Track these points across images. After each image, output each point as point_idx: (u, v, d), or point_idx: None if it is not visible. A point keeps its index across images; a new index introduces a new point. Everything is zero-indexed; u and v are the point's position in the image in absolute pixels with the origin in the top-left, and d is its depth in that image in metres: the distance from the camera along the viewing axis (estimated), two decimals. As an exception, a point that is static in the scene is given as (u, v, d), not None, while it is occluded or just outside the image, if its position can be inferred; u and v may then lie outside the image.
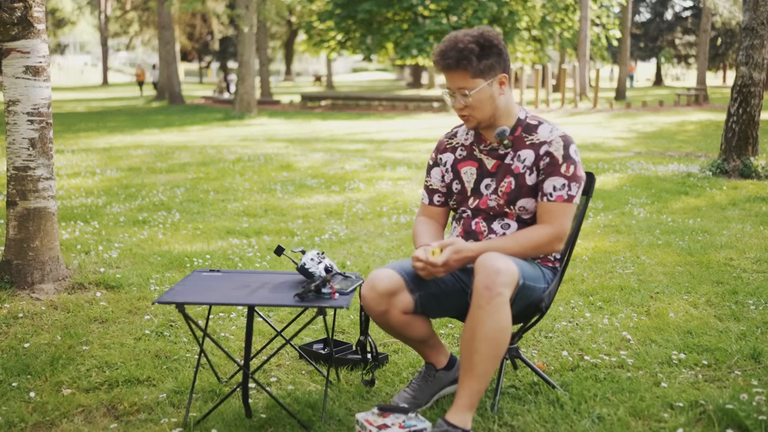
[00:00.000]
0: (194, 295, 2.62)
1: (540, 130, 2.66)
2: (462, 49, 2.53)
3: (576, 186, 2.61)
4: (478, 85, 2.57)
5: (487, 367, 2.44)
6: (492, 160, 2.70)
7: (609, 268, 4.78)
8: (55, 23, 46.47)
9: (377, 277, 2.61)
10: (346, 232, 6.02)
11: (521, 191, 2.65)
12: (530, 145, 2.65)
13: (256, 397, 2.91)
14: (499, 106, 2.63)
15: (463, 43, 2.54)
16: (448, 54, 2.55)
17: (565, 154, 2.60)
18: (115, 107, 26.13)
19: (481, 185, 2.71)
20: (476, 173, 2.73)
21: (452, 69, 2.56)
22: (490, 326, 2.40)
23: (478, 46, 2.54)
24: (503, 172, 2.67)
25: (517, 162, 2.66)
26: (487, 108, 2.61)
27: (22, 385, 3.00)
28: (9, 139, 4.25)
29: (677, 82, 51.10)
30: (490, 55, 2.56)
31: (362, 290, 2.63)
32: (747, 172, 8.65)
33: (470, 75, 2.56)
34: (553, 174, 2.60)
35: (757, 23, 8.62)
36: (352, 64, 66.04)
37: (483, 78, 2.57)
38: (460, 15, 25.36)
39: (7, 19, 4.13)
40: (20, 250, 4.25)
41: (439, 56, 2.58)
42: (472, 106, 2.60)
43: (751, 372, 3.05)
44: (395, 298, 2.62)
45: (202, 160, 10.98)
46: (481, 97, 2.58)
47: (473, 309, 2.44)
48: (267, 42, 32.61)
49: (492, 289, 2.40)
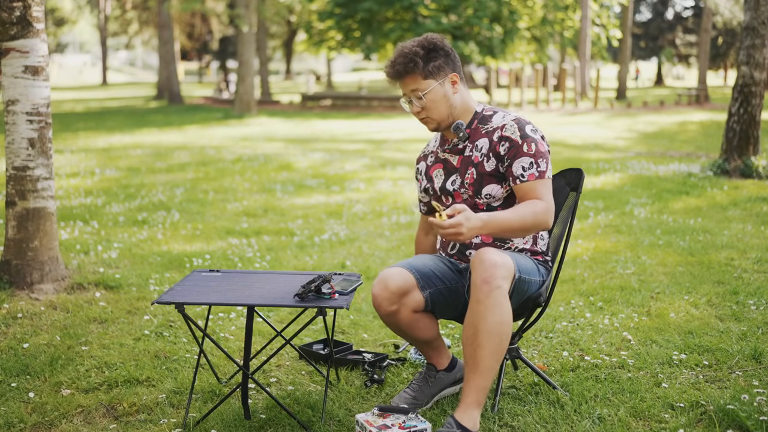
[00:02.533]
0: (194, 296, 2.61)
1: (494, 118, 2.73)
2: (407, 54, 2.63)
3: (543, 161, 2.62)
4: (430, 85, 2.65)
5: (492, 361, 2.43)
6: (455, 157, 2.76)
7: (610, 269, 4.77)
8: (55, 22, 46.46)
9: (389, 275, 2.63)
10: (346, 232, 6.01)
11: (483, 179, 2.68)
12: (485, 133, 2.71)
13: (255, 397, 2.90)
14: (454, 105, 2.70)
15: (408, 48, 2.64)
16: (396, 62, 2.65)
17: (521, 134, 2.63)
18: (115, 107, 26.12)
19: (447, 183, 2.77)
20: (443, 173, 2.79)
21: (402, 75, 2.65)
22: (492, 320, 2.40)
23: (423, 50, 2.64)
24: (465, 165, 2.73)
25: (475, 152, 2.71)
26: (442, 108, 2.68)
27: (21, 385, 2.99)
28: (8, 139, 4.24)
29: (678, 81, 51.10)
30: (437, 57, 2.65)
31: (374, 289, 2.63)
32: (748, 172, 8.64)
33: (421, 77, 2.64)
34: (517, 156, 2.62)
35: (758, 23, 8.61)
36: (353, 63, 66.02)
37: (433, 78, 2.65)
38: (460, 14, 25.35)
39: (6, 19, 4.12)
40: (19, 250, 4.24)
41: (389, 67, 2.68)
42: (427, 108, 2.67)
43: (752, 372, 3.04)
44: (407, 296, 2.64)
45: (202, 160, 10.97)
46: (434, 98, 2.66)
47: (473, 304, 2.44)
48: (266, 42, 32.61)
49: (490, 282, 2.40)
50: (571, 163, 10.20)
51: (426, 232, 3.03)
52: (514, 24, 26.29)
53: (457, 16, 25.38)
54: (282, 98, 31.45)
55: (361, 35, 27.16)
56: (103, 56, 47.74)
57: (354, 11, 25.87)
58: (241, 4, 21.57)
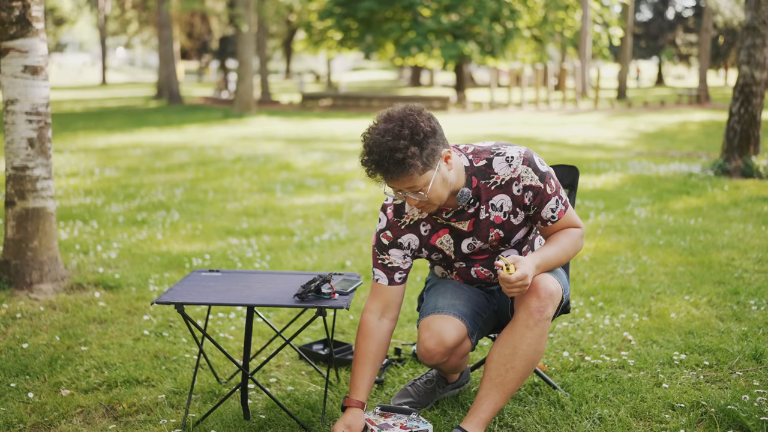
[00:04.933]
0: (193, 296, 2.60)
1: (495, 167, 2.41)
2: (402, 159, 2.20)
3: (562, 191, 2.50)
4: (430, 177, 2.28)
5: (517, 386, 2.43)
6: (464, 222, 2.47)
7: (610, 269, 4.77)
8: (54, 22, 46.43)
9: (444, 329, 2.46)
10: (346, 232, 6.00)
11: (513, 233, 2.51)
12: (497, 189, 2.42)
13: (255, 397, 2.90)
14: (452, 181, 2.36)
15: (398, 149, 2.20)
16: (386, 166, 2.22)
17: (539, 176, 2.41)
18: (114, 107, 26.11)
19: (462, 246, 2.53)
20: (452, 238, 2.52)
21: (397, 178, 2.25)
22: (534, 348, 2.39)
23: (415, 144, 2.22)
24: (484, 228, 2.47)
25: (493, 212, 2.45)
26: (444, 192, 2.33)
27: (21, 385, 2.98)
28: (7, 139, 4.24)
29: (679, 81, 51.08)
30: (428, 143, 2.25)
31: (427, 343, 2.47)
32: (749, 172, 8.63)
33: (418, 174, 2.25)
34: (544, 201, 2.43)
35: (758, 22, 8.60)
36: (353, 63, 66.02)
37: (431, 168, 2.27)
38: (460, 14, 25.34)
39: (5, 18, 4.11)
40: (19, 250, 4.23)
41: (376, 168, 2.23)
42: (429, 200, 2.32)
43: (753, 373, 3.04)
44: (459, 347, 2.55)
45: (201, 160, 10.97)
46: (435, 187, 2.30)
47: (519, 328, 2.38)
48: (266, 41, 32.61)
49: (543, 312, 2.37)
50: (570, 163, 10.18)
51: (381, 314, 2.52)
52: (515, 24, 26.27)
53: (457, 15, 25.36)
54: (282, 98, 31.44)
55: (360, 34, 27.15)
56: (103, 56, 47.70)
57: (354, 10, 25.85)
58: (240, 4, 21.55)
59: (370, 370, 2.47)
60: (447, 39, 25.27)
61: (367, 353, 2.48)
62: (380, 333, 2.50)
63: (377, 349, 2.49)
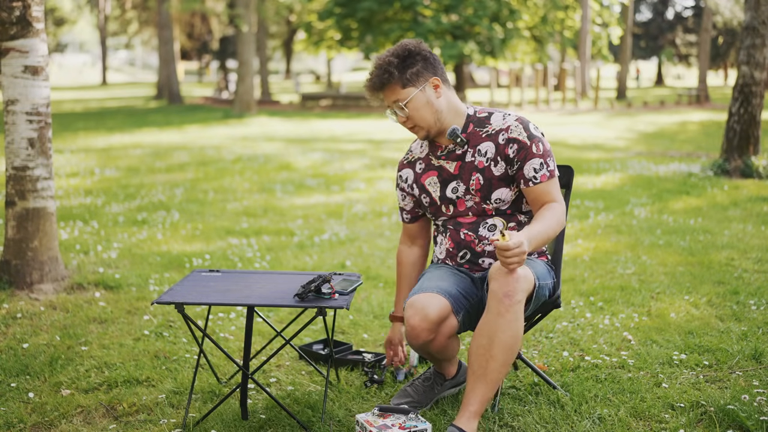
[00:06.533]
0: (193, 296, 2.60)
1: (492, 120, 2.65)
2: (381, 65, 2.57)
3: (551, 160, 2.61)
4: (410, 93, 2.57)
5: (502, 374, 2.43)
6: (452, 163, 2.67)
7: (610, 269, 4.77)
8: (55, 22, 46.44)
9: (427, 304, 2.51)
10: (346, 232, 6.01)
11: (491, 184, 2.62)
12: (487, 136, 2.63)
13: (255, 397, 2.90)
14: (440, 110, 2.62)
15: (382, 59, 2.58)
16: (373, 76, 2.59)
17: (528, 134, 2.58)
18: (114, 107, 26.11)
19: (447, 190, 2.68)
20: (438, 181, 2.70)
21: (381, 88, 2.59)
22: (509, 334, 2.39)
23: (398, 58, 2.56)
24: (467, 171, 2.64)
25: (478, 157, 2.63)
26: (427, 114, 2.60)
27: (21, 385, 2.99)
28: (8, 139, 4.24)
29: (678, 81, 51.09)
30: (414, 63, 2.57)
31: (412, 320, 2.51)
32: (748, 172, 8.64)
33: (399, 86, 2.57)
34: (527, 158, 2.57)
35: (758, 22, 8.60)
36: (353, 63, 65.99)
37: (413, 86, 2.57)
38: (460, 14, 25.34)
39: (5, 19, 4.11)
40: (19, 250, 4.24)
41: (367, 82, 2.61)
42: (412, 117, 2.60)
43: (753, 372, 3.04)
44: (443, 324, 2.57)
45: (201, 160, 10.97)
46: (416, 105, 2.58)
47: (492, 316, 2.40)
48: (266, 41, 32.61)
49: (512, 296, 2.38)
50: (571, 163, 10.19)
51: (411, 243, 2.91)
52: (514, 24, 26.28)
53: (457, 15, 25.36)
54: (282, 98, 31.44)
55: (360, 35, 27.15)
56: (103, 56, 47.72)
57: (354, 10, 25.85)
58: (240, 4, 21.56)
59: (407, 289, 2.86)
60: (447, 39, 25.26)
61: (403, 276, 2.89)
62: (412, 257, 2.89)
63: (411, 270, 2.88)
